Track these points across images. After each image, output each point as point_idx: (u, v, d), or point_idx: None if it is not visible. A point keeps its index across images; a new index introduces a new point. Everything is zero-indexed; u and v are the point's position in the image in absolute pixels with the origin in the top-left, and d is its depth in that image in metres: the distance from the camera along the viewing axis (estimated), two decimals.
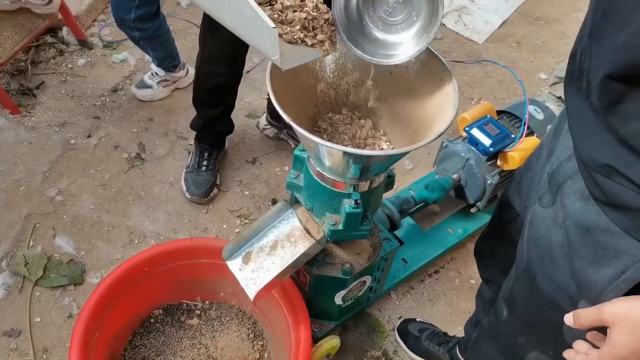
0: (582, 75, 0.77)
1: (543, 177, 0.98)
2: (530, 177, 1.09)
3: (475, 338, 1.31)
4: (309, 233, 1.31)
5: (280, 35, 0.89)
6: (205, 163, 2.05)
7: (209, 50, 1.76)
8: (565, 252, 0.86)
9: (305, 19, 0.95)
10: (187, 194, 2.02)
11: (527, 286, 0.99)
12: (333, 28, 1.02)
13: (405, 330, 1.69)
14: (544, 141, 1.08)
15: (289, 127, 2.17)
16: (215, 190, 2.05)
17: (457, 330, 1.73)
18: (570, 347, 0.90)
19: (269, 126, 2.27)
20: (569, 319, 0.78)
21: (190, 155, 2.10)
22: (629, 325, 0.68)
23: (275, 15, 0.90)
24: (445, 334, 1.65)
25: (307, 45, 0.96)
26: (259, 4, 0.88)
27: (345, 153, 1.05)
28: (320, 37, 0.98)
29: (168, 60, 2.28)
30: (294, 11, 0.95)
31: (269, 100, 2.27)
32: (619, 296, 0.79)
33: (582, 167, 0.81)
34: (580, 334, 0.90)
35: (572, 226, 0.84)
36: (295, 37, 0.93)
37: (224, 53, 1.76)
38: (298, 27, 0.94)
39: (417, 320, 1.72)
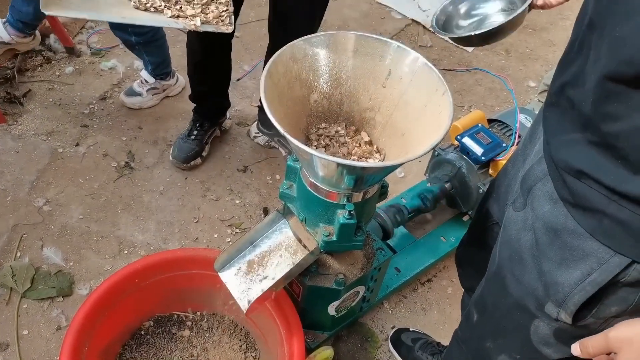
0: (573, 68, 0.76)
1: (517, 182, 0.98)
2: (506, 184, 1.10)
3: (448, 345, 1.32)
4: (302, 244, 1.30)
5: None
6: (195, 133, 2.12)
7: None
8: (534, 254, 0.87)
9: None
10: (170, 157, 2.13)
11: (496, 289, 1.00)
12: (226, 8, 1.03)
13: (398, 340, 1.69)
14: (520, 146, 1.09)
15: (281, 135, 2.18)
16: (198, 160, 2.14)
17: (450, 338, 1.72)
18: (538, 350, 0.90)
19: (260, 134, 2.26)
20: (575, 349, 0.78)
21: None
22: (634, 350, 0.69)
23: None
24: (439, 343, 1.65)
25: (165, 16, 0.97)
26: None
27: (339, 164, 1.04)
28: (190, 12, 0.99)
29: (163, 65, 2.27)
30: None
31: (259, 108, 2.26)
32: (585, 299, 0.79)
33: (552, 168, 0.82)
34: (547, 338, 0.90)
35: (541, 228, 0.84)
36: (148, 5, 0.93)
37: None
38: None
39: (411, 329, 1.72)
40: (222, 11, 1.02)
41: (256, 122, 2.27)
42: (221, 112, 2.19)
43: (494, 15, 1.19)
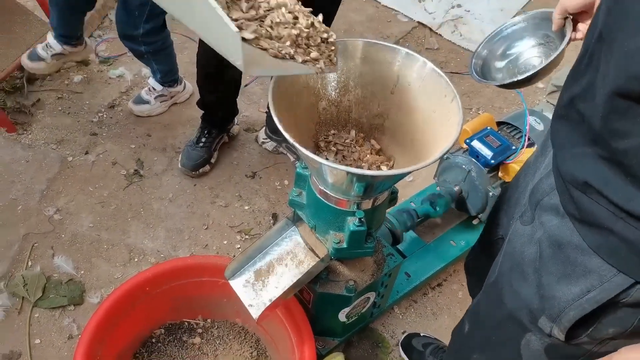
0: (583, 81, 0.75)
1: (526, 195, 0.97)
2: (516, 196, 1.08)
3: (445, 353, 1.31)
4: (312, 251, 1.30)
5: (265, 49, 0.89)
6: (203, 140, 2.13)
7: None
8: (536, 267, 0.85)
9: (297, 35, 0.95)
10: (179, 165, 2.13)
11: (492, 299, 0.99)
12: (333, 47, 1.02)
13: (409, 345, 1.68)
14: (532, 158, 1.08)
15: (288, 141, 2.18)
16: (206, 167, 2.14)
17: None
18: None
19: (268, 140, 2.26)
20: None
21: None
22: None
23: (264, 31, 0.90)
24: None
25: (296, 61, 0.96)
26: (244, 20, 0.88)
27: (348, 173, 1.04)
28: (314, 54, 0.98)
29: (171, 73, 2.28)
30: (285, 28, 0.94)
31: (267, 114, 2.26)
32: (580, 315, 0.78)
33: (559, 181, 0.80)
34: (538, 355, 0.88)
35: (545, 241, 0.83)
36: (282, 52, 0.92)
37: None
38: (288, 43, 0.93)
39: (422, 334, 1.71)
40: (331, 50, 1.02)
41: (264, 128, 2.27)
42: (229, 119, 2.20)
43: (531, 51, 1.13)
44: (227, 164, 2.21)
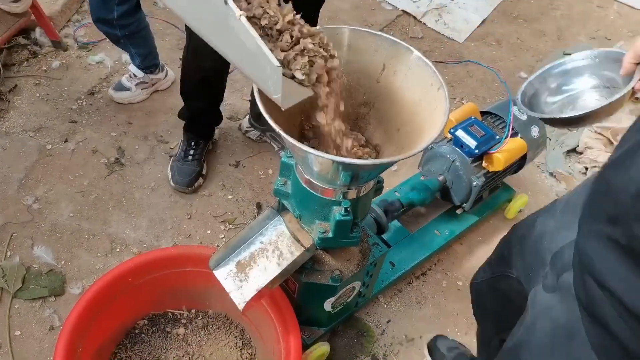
0: (626, 145, 0.67)
1: (548, 255, 0.89)
2: (535, 247, 0.99)
3: None
4: (297, 241, 1.29)
5: (301, 82, 0.89)
6: (192, 152, 2.04)
7: (195, 42, 1.70)
8: (547, 346, 0.81)
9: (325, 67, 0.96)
10: (171, 183, 2.03)
11: None
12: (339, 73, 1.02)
13: (434, 345, 1.65)
14: (555, 204, 1.01)
15: (273, 130, 2.15)
16: (200, 180, 2.05)
17: (445, 332, 1.73)
18: None
19: (252, 128, 2.24)
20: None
21: (178, 143, 2.10)
22: None
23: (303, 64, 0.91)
24: (473, 357, 1.61)
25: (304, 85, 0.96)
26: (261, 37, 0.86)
27: (334, 161, 1.03)
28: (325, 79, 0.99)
29: (150, 57, 2.23)
30: (317, 57, 0.94)
31: (251, 102, 2.23)
32: None
33: (575, 260, 0.74)
34: None
35: (559, 327, 0.78)
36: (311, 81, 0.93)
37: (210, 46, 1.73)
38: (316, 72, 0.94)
39: (450, 338, 1.68)
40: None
41: (248, 116, 2.25)
42: (215, 126, 2.12)
43: (591, 93, 1.06)
44: (210, 152, 2.18)
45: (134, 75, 2.27)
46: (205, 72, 1.80)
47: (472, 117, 1.80)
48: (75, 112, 2.26)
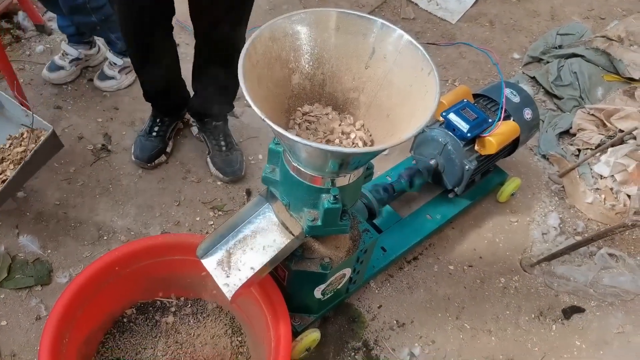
0: None
1: None
2: None
3: None
4: (286, 229, 1.27)
5: None
6: (156, 129, 2.02)
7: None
8: None
9: None
10: (132, 157, 2.01)
11: None
12: None
13: None
14: None
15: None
16: (162, 157, 2.04)
17: (437, 317, 1.73)
18: None
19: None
20: None
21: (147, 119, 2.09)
22: None
23: None
24: None
25: None
26: None
27: (322, 150, 1.00)
28: None
29: None
30: None
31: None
32: None
33: None
34: None
35: None
36: None
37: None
38: None
39: None
40: None
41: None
42: (182, 104, 2.05)
43: None
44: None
45: (114, 63, 2.22)
46: (140, 37, 1.68)
47: (465, 100, 1.77)
48: (60, 98, 2.21)
